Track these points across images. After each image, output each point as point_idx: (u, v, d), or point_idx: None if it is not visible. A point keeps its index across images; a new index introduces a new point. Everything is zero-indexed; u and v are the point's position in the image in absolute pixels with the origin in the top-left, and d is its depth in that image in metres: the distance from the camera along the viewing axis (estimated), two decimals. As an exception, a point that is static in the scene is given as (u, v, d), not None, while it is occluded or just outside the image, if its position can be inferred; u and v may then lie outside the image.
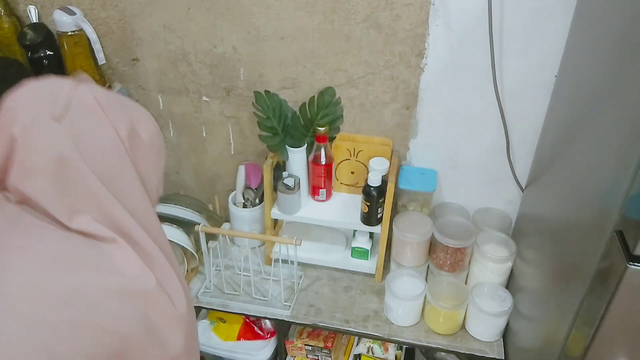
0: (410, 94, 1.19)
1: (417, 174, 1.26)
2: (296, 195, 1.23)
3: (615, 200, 0.65)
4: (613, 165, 0.69)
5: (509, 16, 1.04)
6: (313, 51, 1.18)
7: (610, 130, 0.72)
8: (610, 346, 0.69)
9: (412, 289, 1.18)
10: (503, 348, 1.16)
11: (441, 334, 1.18)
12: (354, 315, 1.23)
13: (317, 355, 1.34)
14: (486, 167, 1.25)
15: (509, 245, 1.18)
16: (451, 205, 1.33)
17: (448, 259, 1.19)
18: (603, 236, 0.67)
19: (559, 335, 0.81)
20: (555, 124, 1.05)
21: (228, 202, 1.39)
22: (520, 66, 1.09)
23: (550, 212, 1.00)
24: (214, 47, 1.24)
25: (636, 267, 0.62)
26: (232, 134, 1.38)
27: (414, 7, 1.08)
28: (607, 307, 0.66)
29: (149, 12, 1.22)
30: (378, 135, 1.27)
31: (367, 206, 1.18)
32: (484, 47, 1.06)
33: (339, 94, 1.22)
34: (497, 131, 1.17)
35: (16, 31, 1.25)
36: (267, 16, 1.16)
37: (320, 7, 1.12)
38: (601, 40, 0.82)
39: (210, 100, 1.33)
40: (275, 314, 1.24)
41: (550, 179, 1.04)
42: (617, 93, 0.72)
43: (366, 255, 1.32)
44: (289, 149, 1.23)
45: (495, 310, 1.12)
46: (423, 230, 1.19)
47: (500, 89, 1.11)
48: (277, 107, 1.22)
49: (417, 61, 1.14)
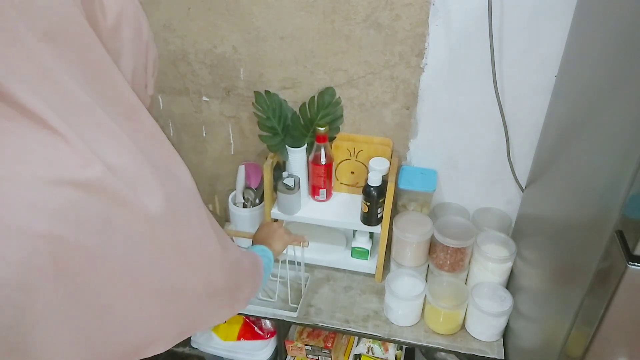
0: (410, 94, 1.19)
1: (417, 174, 1.26)
2: (296, 195, 1.23)
3: (615, 200, 0.65)
4: (613, 165, 0.69)
5: (509, 16, 1.04)
6: (313, 51, 1.18)
7: (610, 130, 0.72)
8: (610, 346, 0.69)
9: (412, 289, 1.18)
10: (503, 348, 1.16)
11: (441, 334, 1.18)
12: (354, 315, 1.23)
13: (317, 355, 1.34)
14: (486, 167, 1.25)
15: (509, 245, 1.18)
16: (451, 205, 1.33)
17: (448, 259, 1.19)
18: (603, 236, 0.67)
19: (559, 335, 0.81)
20: (555, 124, 1.05)
21: (228, 202, 1.39)
22: (520, 66, 1.09)
23: (550, 212, 1.00)
24: (214, 47, 1.24)
25: (636, 267, 0.62)
26: (232, 134, 1.38)
27: (414, 7, 1.08)
28: (607, 307, 0.66)
29: (149, 12, 1.22)
30: (378, 135, 1.27)
31: (367, 206, 1.18)
32: (484, 47, 1.06)
33: (339, 94, 1.22)
34: (497, 131, 1.17)
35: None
36: (267, 16, 1.16)
37: (320, 7, 1.12)
38: (601, 40, 0.82)
39: (210, 100, 1.33)
40: (283, 315, 1.24)
41: (550, 179, 1.04)
42: (617, 93, 0.72)
43: (366, 255, 1.32)
44: (289, 149, 1.23)
45: (495, 310, 1.12)
46: (423, 230, 1.19)
47: (500, 89, 1.11)
48: (277, 107, 1.22)
49: (417, 61, 1.14)
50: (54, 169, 0.40)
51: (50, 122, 0.40)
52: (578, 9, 0.97)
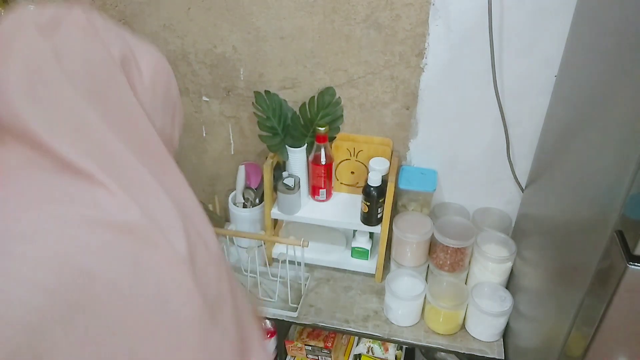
0: (410, 94, 1.19)
1: (417, 174, 1.26)
2: (296, 195, 1.23)
3: (615, 200, 0.65)
4: (613, 165, 0.69)
5: (509, 16, 1.04)
6: (313, 51, 1.18)
7: (610, 130, 0.72)
8: (610, 346, 0.69)
9: (412, 289, 1.18)
10: (503, 348, 1.16)
11: (441, 334, 1.18)
12: (354, 315, 1.23)
13: (317, 355, 1.34)
14: (486, 167, 1.25)
15: (509, 245, 1.18)
16: (451, 205, 1.33)
17: (448, 259, 1.19)
18: (603, 236, 0.67)
19: (559, 335, 0.81)
20: (555, 124, 1.05)
21: (228, 202, 1.39)
22: (520, 66, 1.09)
23: (550, 212, 1.00)
24: (214, 47, 1.24)
25: (636, 267, 0.62)
26: (232, 134, 1.38)
27: (414, 7, 1.08)
28: (607, 307, 0.66)
29: (149, 12, 1.22)
30: (378, 135, 1.27)
31: (367, 206, 1.18)
32: (484, 47, 1.06)
33: (339, 94, 1.22)
34: (497, 131, 1.17)
35: (16, 31, 1.25)
36: (267, 16, 1.16)
37: (320, 7, 1.12)
38: (601, 40, 0.82)
39: (210, 100, 1.33)
40: (283, 315, 1.24)
41: (550, 179, 1.04)
42: (617, 93, 0.72)
43: (366, 255, 1.32)
44: (289, 149, 1.23)
45: (495, 310, 1.12)
46: (423, 230, 1.19)
47: (500, 89, 1.11)
48: (277, 107, 1.22)
49: (417, 61, 1.14)
50: (94, 211, 0.44)
51: (91, 171, 0.44)
52: (578, 9, 0.97)
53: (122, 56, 0.51)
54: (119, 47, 0.51)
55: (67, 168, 0.44)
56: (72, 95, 0.45)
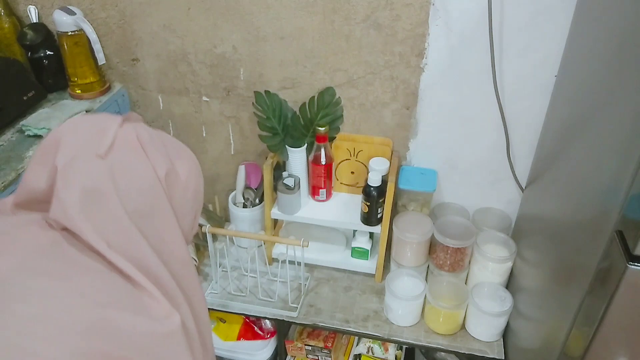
0: (410, 94, 1.19)
1: (417, 174, 1.26)
2: (296, 195, 1.23)
3: (615, 200, 0.65)
4: (613, 165, 0.69)
5: (509, 16, 1.04)
6: (313, 51, 1.18)
7: (610, 130, 0.72)
8: (610, 346, 0.69)
9: (412, 289, 1.18)
10: (503, 348, 1.16)
11: (441, 334, 1.18)
12: (354, 315, 1.23)
13: (317, 355, 1.34)
14: (486, 167, 1.25)
15: (509, 245, 1.18)
16: (451, 205, 1.33)
17: (448, 259, 1.19)
18: (603, 236, 0.68)
19: (559, 335, 0.81)
20: (555, 124, 1.05)
21: (228, 202, 1.39)
22: (520, 66, 1.09)
23: (550, 212, 1.00)
24: (214, 47, 1.24)
25: (636, 267, 0.62)
26: (232, 134, 1.38)
27: (414, 7, 1.08)
28: (607, 307, 0.66)
29: (149, 12, 1.22)
30: (378, 135, 1.27)
31: (367, 206, 1.18)
32: (484, 47, 1.06)
33: (339, 94, 1.22)
34: (497, 131, 1.17)
35: (16, 31, 1.25)
36: (267, 16, 1.16)
37: (320, 7, 1.12)
38: (601, 40, 0.82)
39: (210, 100, 1.33)
40: (283, 315, 1.24)
41: (550, 179, 1.04)
42: (617, 93, 0.72)
43: (366, 255, 1.32)
44: (289, 149, 1.23)
45: (495, 310, 1.12)
46: (423, 230, 1.19)
47: (500, 89, 1.11)
48: (277, 107, 1.22)
49: (417, 61, 1.14)
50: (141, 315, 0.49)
51: (136, 278, 0.50)
52: (578, 9, 0.97)
53: (167, 170, 0.58)
54: (164, 164, 0.58)
55: (113, 271, 0.50)
56: (121, 215, 0.52)
